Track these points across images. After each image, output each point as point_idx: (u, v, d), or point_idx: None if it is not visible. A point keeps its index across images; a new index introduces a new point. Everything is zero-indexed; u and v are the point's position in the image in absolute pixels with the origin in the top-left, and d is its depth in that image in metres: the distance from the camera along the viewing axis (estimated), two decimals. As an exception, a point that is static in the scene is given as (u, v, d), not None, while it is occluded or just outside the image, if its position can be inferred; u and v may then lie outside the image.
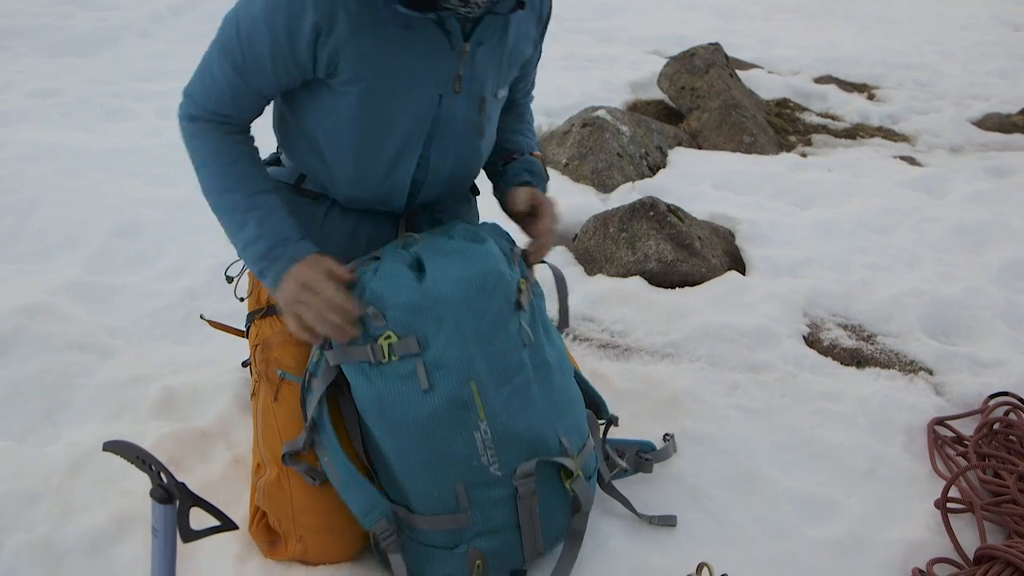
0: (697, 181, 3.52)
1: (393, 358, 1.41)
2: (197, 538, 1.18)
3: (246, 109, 1.50)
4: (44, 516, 1.60)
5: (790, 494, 1.79)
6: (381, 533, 1.45)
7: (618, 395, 2.08)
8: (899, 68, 5.85)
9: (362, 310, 1.43)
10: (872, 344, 2.41)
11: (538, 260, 1.63)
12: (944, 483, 1.79)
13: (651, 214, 2.76)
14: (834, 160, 4.02)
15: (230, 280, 1.84)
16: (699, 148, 4.14)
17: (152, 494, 1.20)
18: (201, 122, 1.49)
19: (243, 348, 2.04)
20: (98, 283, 2.45)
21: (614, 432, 1.80)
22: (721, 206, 3.20)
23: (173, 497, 1.19)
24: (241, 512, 1.62)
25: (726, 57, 4.68)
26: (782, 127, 4.58)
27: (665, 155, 3.88)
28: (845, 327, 2.49)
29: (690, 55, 4.58)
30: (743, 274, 2.77)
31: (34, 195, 2.91)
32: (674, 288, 2.65)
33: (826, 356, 2.34)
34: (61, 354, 2.07)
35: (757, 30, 6.79)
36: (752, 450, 1.92)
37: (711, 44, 4.68)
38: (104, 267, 2.58)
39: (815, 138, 4.52)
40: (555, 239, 1.67)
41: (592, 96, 4.44)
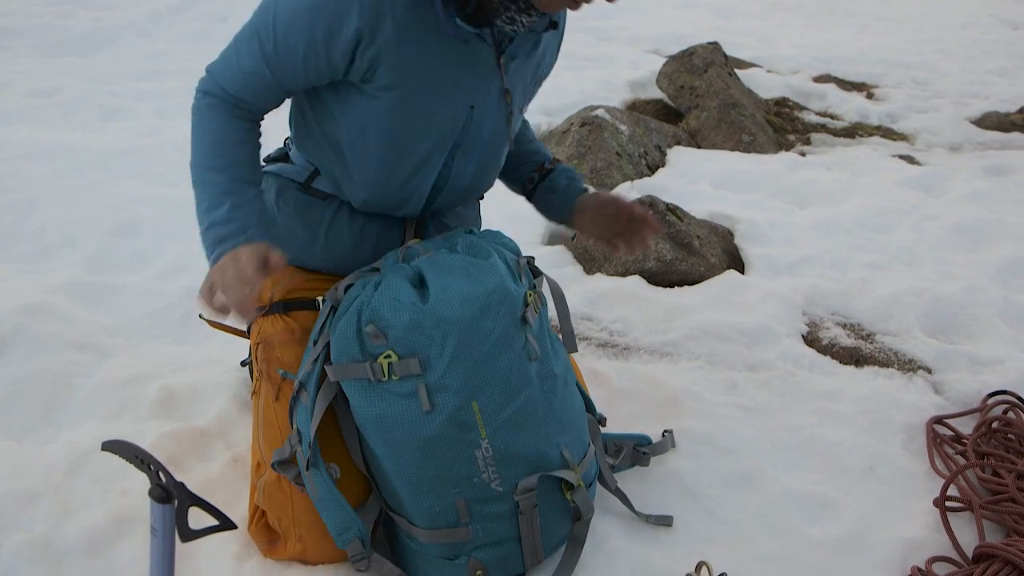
0: (696, 180, 3.52)
1: (393, 377, 1.39)
2: (196, 537, 1.18)
3: (265, 99, 1.48)
4: (43, 515, 1.60)
5: (789, 493, 1.79)
6: (354, 555, 1.44)
7: (617, 394, 2.08)
8: (898, 67, 5.85)
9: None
10: (871, 343, 2.41)
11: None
12: (943, 481, 1.79)
13: (650, 213, 2.76)
14: (833, 159, 4.02)
15: None
16: (698, 147, 4.14)
17: (151, 493, 1.20)
18: (215, 99, 1.46)
19: (242, 347, 2.05)
20: (97, 283, 2.45)
21: (611, 427, 1.80)
22: (720, 205, 3.21)
23: (172, 496, 1.19)
24: (240, 512, 1.62)
25: (725, 56, 4.68)
26: (781, 126, 4.58)
27: (664, 154, 3.88)
28: (844, 326, 2.49)
29: (689, 54, 4.58)
30: (742, 273, 2.77)
31: (33, 194, 2.91)
32: (673, 287, 2.65)
33: (825, 355, 2.35)
34: (60, 354, 2.07)
35: (756, 29, 6.79)
36: (751, 449, 1.92)
37: (710, 43, 4.67)
38: (103, 267, 2.58)
39: (814, 137, 4.52)
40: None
41: (591, 95, 4.44)
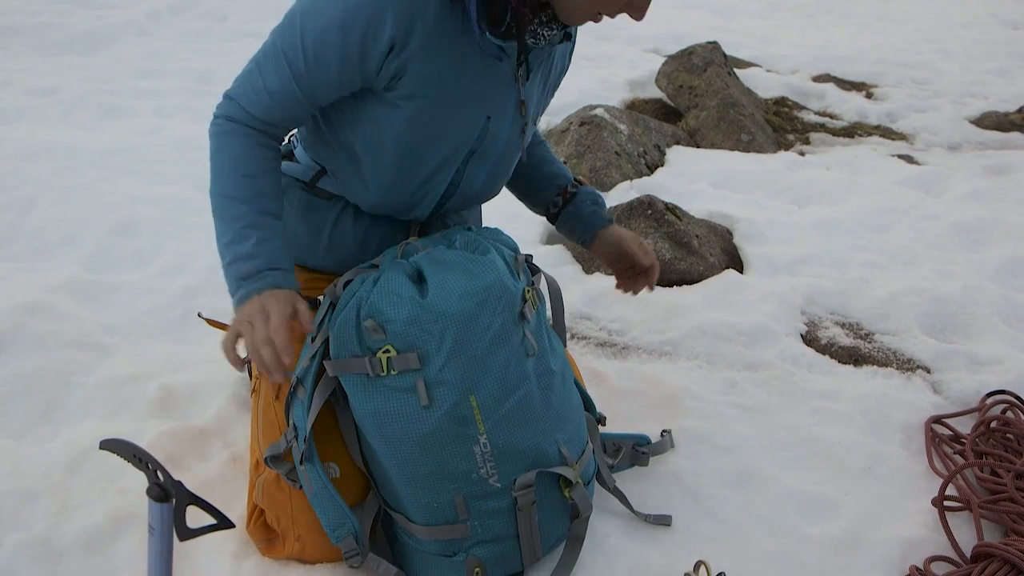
0: (695, 179, 3.52)
1: (392, 372, 1.39)
2: (194, 536, 1.18)
3: (295, 117, 1.45)
4: (42, 514, 1.60)
5: (788, 492, 1.79)
6: (348, 551, 1.44)
7: (616, 393, 2.08)
8: (897, 66, 5.84)
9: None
10: (870, 342, 2.41)
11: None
12: (941, 481, 1.79)
13: (649, 212, 2.76)
14: (832, 158, 4.02)
15: None
16: (697, 146, 4.14)
17: (149, 492, 1.20)
18: (239, 125, 1.42)
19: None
20: (96, 281, 2.45)
21: (609, 426, 1.80)
22: (719, 204, 3.21)
23: (169, 495, 1.20)
24: (238, 510, 1.62)
25: (724, 55, 4.68)
26: (780, 125, 4.58)
27: (663, 153, 3.88)
28: (843, 325, 2.49)
29: (688, 53, 4.58)
30: (741, 272, 2.77)
31: (32, 193, 2.90)
32: (672, 286, 2.65)
33: (824, 354, 2.35)
34: (59, 352, 2.07)
35: (755, 28, 6.79)
36: (750, 448, 1.92)
37: (709, 42, 4.67)
38: (102, 265, 2.58)
39: (813, 136, 4.52)
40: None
41: (590, 94, 4.44)
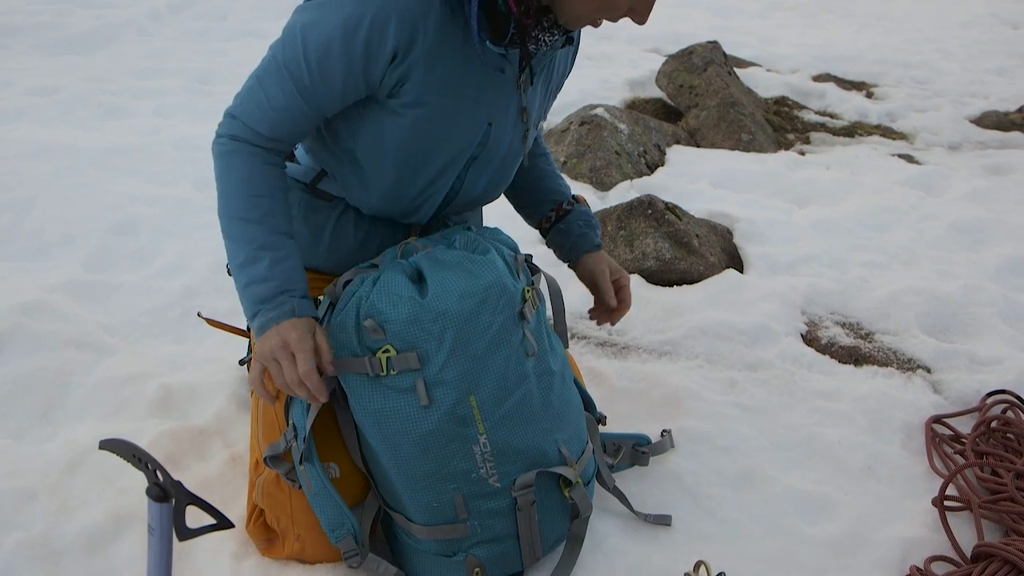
0: (695, 179, 3.52)
1: (392, 372, 1.38)
2: (193, 536, 1.18)
3: (301, 131, 1.44)
4: (41, 514, 1.60)
5: (788, 492, 1.79)
6: (347, 551, 1.44)
7: (616, 393, 2.08)
8: (897, 66, 5.84)
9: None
10: (870, 342, 2.41)
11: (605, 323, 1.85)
12: (942, 481, 1.79)
13: (649, 212, 2.76)
14: (832, 158, 4.02)
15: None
16: (697, 146, 4.14)
17: (148, 492, 1.20)
18: (245, 144, 1.40)
19: (241, 346, 2.04)
20: (96, 281, 2.45)
21: (609, 426, 1.80)
22: (719, 204, 3.20)
23: (169, 495, 1.19)
24: (238, 511, 1.62)
25: (724, 55, 4.68)
26: (780, 125, 4.57)
27: (663, 153, 3.88)
28: (843, 325, 2.49)
29: (688, 53, 4.58)
30: (741, 272, 2.77)
31: (32, 193, 2.90)
32: (672, 286, 2.65)
33: (824, 354, 2.34)
34: (59, 352, 2.07)
35: (755, 28, 6.79)
36: (750, 448, 1.91)
37: (709, 42, 4.67)
38: (102, 265, 2.58)
39: (813, 136, 4.52)
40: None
41: (590, 94, 4.44)
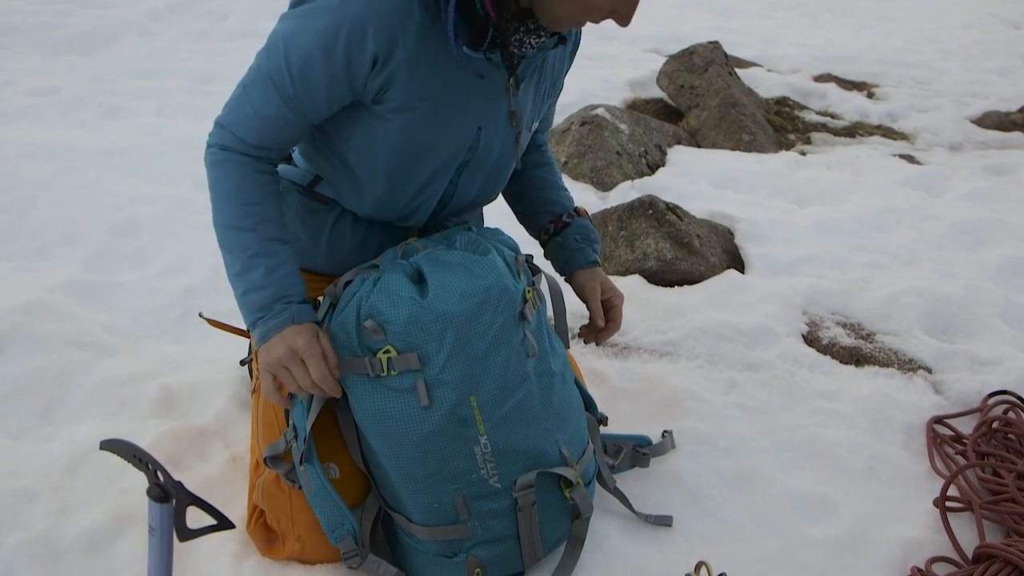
0: (696, 179, 3.52)
1: (392, 372, 1.38)
2: (194, 537, 1.18)
3: (289, 139, 1.44)
4: (42, 514, 1.60)
5: (789, 493, 1.79)
6: (346, 552, 1.44)
7: (616, 394, 2.08)
8: (898, 66, 5.84)
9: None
10: (871, 342, 2.41)
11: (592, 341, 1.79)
12: (943, 482, 1.78)
13: (650, 212, 2.76)
14: (833, 158, 4.02)
15: None
16: (698, 146, 4.13)
17: (149, 493, 1.20)
18: (234, 154, 1.41)
19: (241, 346, 2.04)
20: (96, 281, 2.45)
21: (610, 426, 1.80)
22: (720, 204, 3.20)
23: (170, 496, 1.19)
24: (239, 511, 1.62)
25: (725, 55, 4.68)
26: (781, 125, 4.57)
27: (664, 153, 3.87)
28: (844, 325, 2.49)
29: (689, 53, 4.58)
30: (742, 272, 2.77)
31: (32, 193, 2.90)
32: (673, 286, 2.64)
33: (825, 354, 2.34)
34: (59, 352, 2.07)
35: (756, 28, 6.79)
36: (751, 449, 1.91)
37: (710, 42, 4.67)
38: (102, 265, 2.58)
39: (814, 136, 4.52)
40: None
41: (591, 94, 4.44)
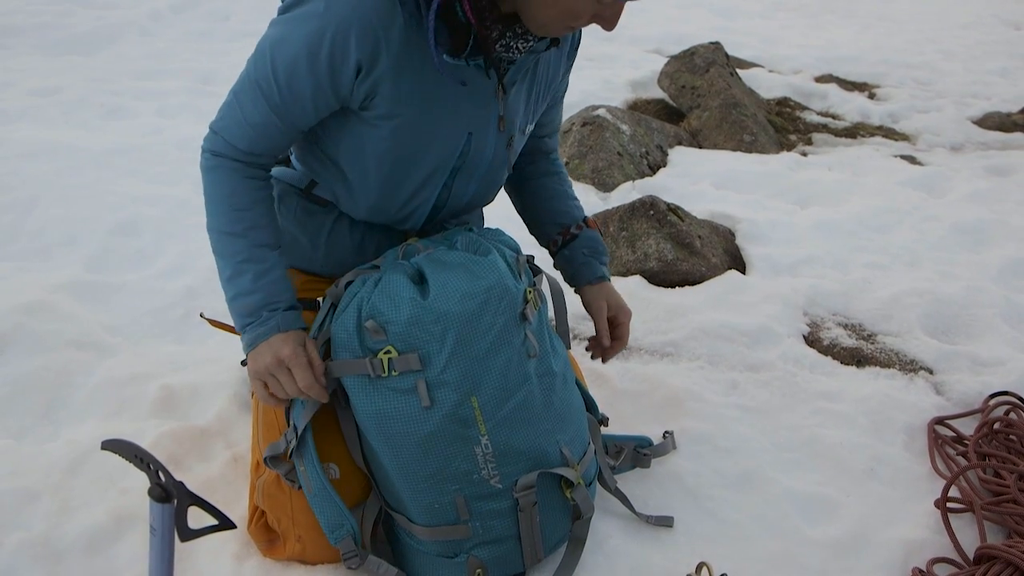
0: (697, 180, 3.51)
1: (393, 373, 1.38)
2: (195, 537, 1.18)
3: (279, 145, 1.45)
4: (43, 514, 1.60)
5: (790, 493, 1.79)
6: (346, 552, 1.44)
7: (617, 394, 2.08)
8: (900, 67, 5.84)
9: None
10: (872, 343, 2.40)
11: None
12: (944, 482, 1.78)
13: (651, 213, 2.76)
14: (834, 159, 4.01)
15: None
16: (699, 147, 4.13)
17: (150, 493, 1.20)
18: (226, 159, 1.42)
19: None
20: (97, 281, 2.45)
21: (611, 427, 1.80)
22: (721, 205, 3.20)
23: (171, 496, 1.19)
24: (240, 511, 1.62)
25: (726, 56, 4.68)
26: (782, 126, 4.57)
27: (665, 154, 3.87)
28: (845, 326, 2.48)
29: (690, 54, 4.58)
30: (743, 273, 2.77)
31: (33, 193, 2.91)
32: (674, 287, 2.64)
33: (826, 355, 2.34)
34: (60, 352, 2.07)
35: (757, 29, 6.79)
36: (752, 449, 1.91)
37: (711, 43, 4.67)
38: (103, 266, 2.58)
39: (815, 137, 4.52)
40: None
41: (592, 95, 4.44)
